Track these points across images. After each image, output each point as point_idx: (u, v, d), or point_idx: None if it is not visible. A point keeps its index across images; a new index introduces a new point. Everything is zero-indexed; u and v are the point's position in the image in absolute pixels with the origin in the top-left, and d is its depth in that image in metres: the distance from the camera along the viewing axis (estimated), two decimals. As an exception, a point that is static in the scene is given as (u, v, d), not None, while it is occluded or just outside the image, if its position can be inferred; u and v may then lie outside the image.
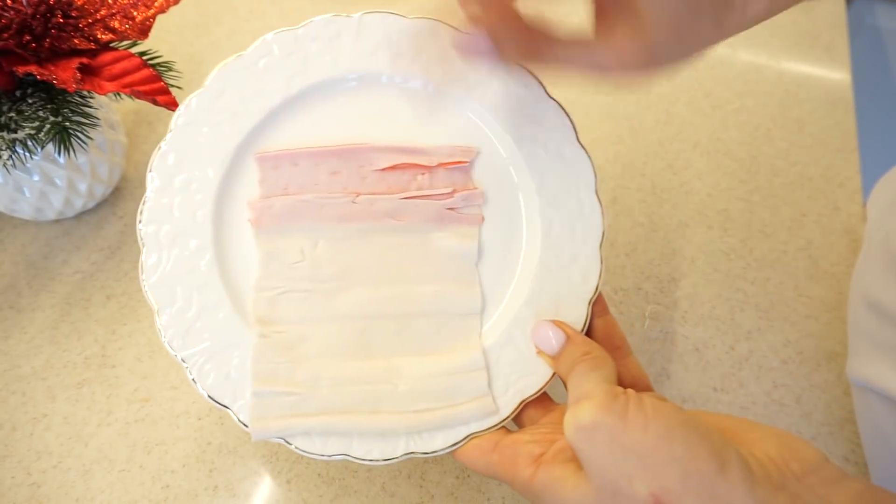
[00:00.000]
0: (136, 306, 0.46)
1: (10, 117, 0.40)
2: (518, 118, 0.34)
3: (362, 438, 0.31)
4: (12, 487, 0.39)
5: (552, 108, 0.34)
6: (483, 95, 0.34)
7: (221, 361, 0.32)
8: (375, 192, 0.34)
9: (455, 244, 0.34)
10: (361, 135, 0.34)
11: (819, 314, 0.46)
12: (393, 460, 0.32)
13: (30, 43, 0.40)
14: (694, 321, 0.46)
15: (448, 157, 0.34)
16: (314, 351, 0.33)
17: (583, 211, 0.34)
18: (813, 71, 0.61)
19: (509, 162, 0.35)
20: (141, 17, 0.43)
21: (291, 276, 0.33)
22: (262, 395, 0.32)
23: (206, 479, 0.39)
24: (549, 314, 0.33)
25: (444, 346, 0.33)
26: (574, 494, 0.26)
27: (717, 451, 0.24)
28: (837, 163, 0.54)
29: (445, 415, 0.32)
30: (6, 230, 0.50)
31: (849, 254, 0.49)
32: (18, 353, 0.44)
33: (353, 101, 0.34)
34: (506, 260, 0.34)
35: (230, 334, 0.32)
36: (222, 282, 0.33)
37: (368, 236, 0.34)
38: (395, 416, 0.32)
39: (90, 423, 0.41)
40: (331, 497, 0.39)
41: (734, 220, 0.51)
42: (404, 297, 0.33)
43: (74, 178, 0.47)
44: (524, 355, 0.33)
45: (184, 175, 0.33)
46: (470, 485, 0.39)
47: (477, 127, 0.35)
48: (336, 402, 0.32)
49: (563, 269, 0.33)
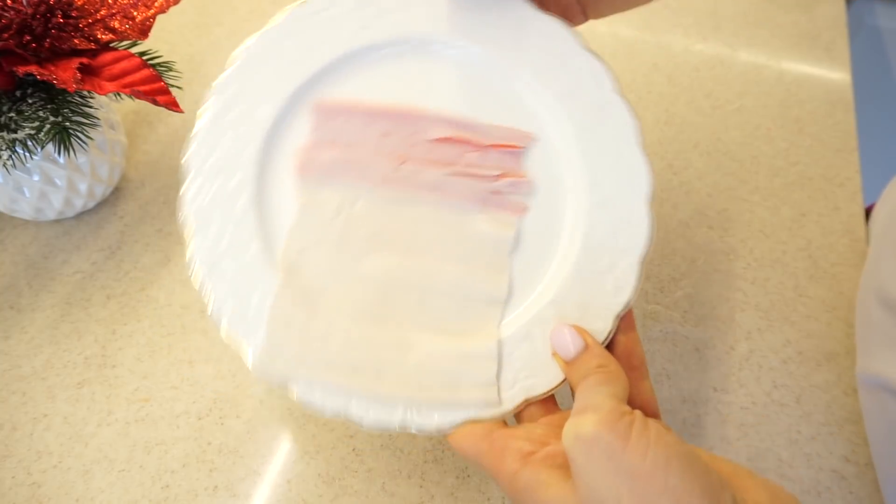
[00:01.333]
0: (137, 306, 0.46)
1: (10, 117, 0.40)
2: (583, 110, 0.33)
3: (361, 401, 0.31)
4: (12, 487, 0.39)
5: (620, 107, 0.33)
6: (551, 80, 0.33)
7: (241, 300, 0.32)
8: (423, 160, 0.33)
9: (492, 230, 0.33)
10: (420, 100, 0.34)
11: (819, 314, 0.46)
12: (387, 428, 0.31)
13: (30, 43, 0.40)
14: (694, 321, 0.46)
15: (502, 139, 0.33)
16: (332, 306, 0.32)
17: (631, 219, 0.32)
18: (813, 71, 0.61)
19: (564, 154, 0.33)
20: (141, 17, 0.43)
21: (325, 230, 0.33)
22: (274, 338, 0.31)
23: (206, 479, 0.39)
24: (573, 319, 0.32)
25: (461, 329, 0.32)
26: (555, 501, 0.26)
27: (711, 490, 0.24)
28: (837, 163, 0.54)
29: (448, 396, 0.31)
30: (6, 230, 0.50)
31: (849, 254, 0.49)
32: (18, 353, 0.44)
33: (417, 66, 0.34)
34: (541, 255, 0.33)
35: (254, 275, 0.32)
36: (257, 222, 0.33)
37: (408, 205, 0.33)
38: (398, 386, 0.31)
39: (90, 423, 0.41)
40: (331, 497, 0.39)
41: (734, 220, 0.51)
42: (431, 271, 0.33)
43: (74, 178, 0.47)
44: (538, 354, 0.32)
45: (237, 111, 0.33)
46: (470, 485, 0.39)
47: (537, 112, 0.34)
48: (343, 361, 0.32)
49: (597, 276, 0.32)
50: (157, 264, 0.48)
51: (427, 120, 0.34)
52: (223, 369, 0.43)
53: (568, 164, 0.33)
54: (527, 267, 0.33)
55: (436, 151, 0.33)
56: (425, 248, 0.33)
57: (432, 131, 0.33)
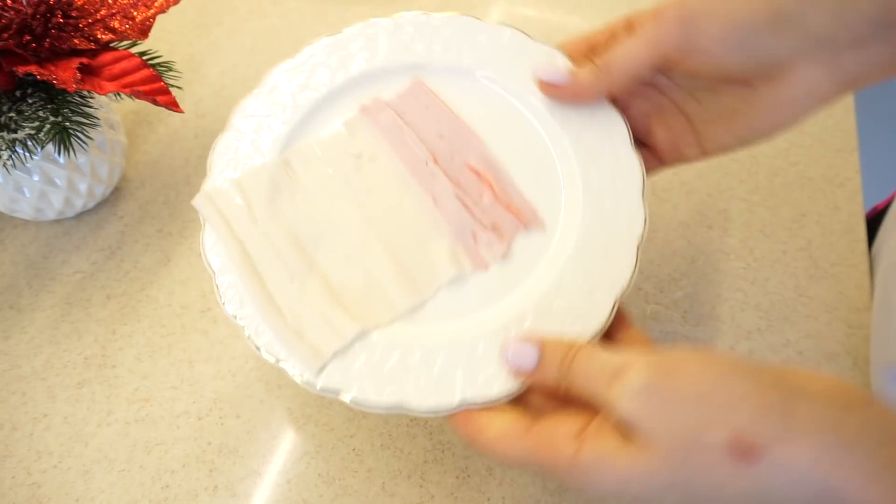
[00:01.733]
0: (137, 306, 0.46)
1: (10, 117, 0.40)
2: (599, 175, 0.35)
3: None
4: (13, 487, 0.39)
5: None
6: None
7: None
8: (447, 171, 0.36)
9: (443, 259, 0.34)
10: (476, 124, 0.37)
11: (819, 314, 0.46)
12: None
13: (30, 43, 0.40)
14: (694, 321, 0.46)
15: (518, 208, 0.35)
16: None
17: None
18: (813, 71, 0.61)
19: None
20: (141, 17, 0.43)
21: (340, 161, 0.36)
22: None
23: (206, 479, 0.39)
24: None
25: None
26: (634, 465, 0.24)
27: (777, 384, 0.24)
28: (837, 163, 0.54)
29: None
30: (6, 230, 0.50)
31: (849, 254, 0.49)
32: (18, 353, 0.44)
33: (473, 91, 0.38)
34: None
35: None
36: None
37: (407, 191, 0.36)
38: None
39: (90, 423, 0.41)
40: (331, 497, 0.39)
41: (734, 220, 0.51)
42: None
43: (74, 178, 0.47)
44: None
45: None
46: (470, 485, 0.39)
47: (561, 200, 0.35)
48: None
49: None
50: (157, 264, 0.48)
51: (477, 147, 0.36)
52: (223, 369, 0.43)
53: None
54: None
55: (462, 174, 0.36)
56: (397, 226, 0.35)
57: (470, 155, 0.36)
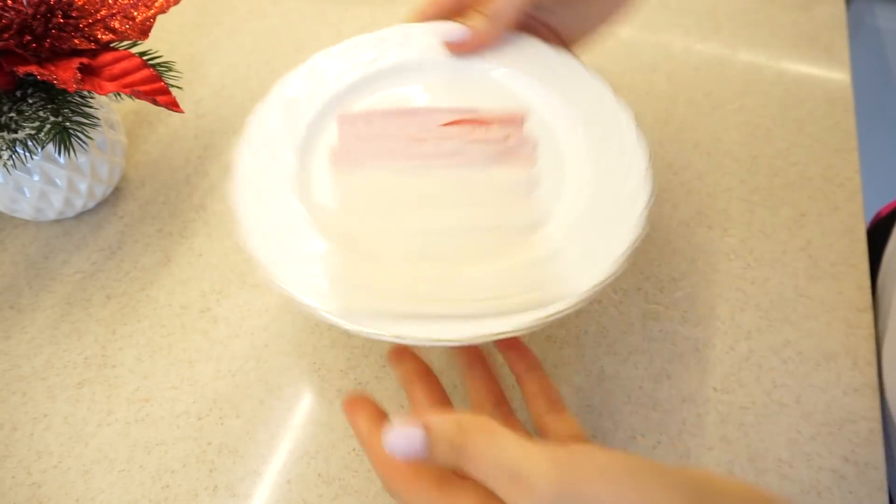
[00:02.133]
0: (137, 306, 0.46)
1: (11, 117, 0.40)
2: (565, 86, 0.40)
3: (419, 322, 0.32)
4: (12, 487, 0.39)
5: (599, 83, 0.40)
6: (525, 66, 0.41)
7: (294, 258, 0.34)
8: (439, 138, 0.39)
9: (510, 176, 0.38)
10: (424, 103, 0.41)
11: (819, 314, 0.46)
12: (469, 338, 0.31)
13: (30, 43, 0.40)
14: (694, 321, 0.46)
15: (502, 115, 0.39)
16: (385, 258, 0.35)
17: (624, 145, 0.37)
18: (813, 71, 0.61)
19: (558, 119, 0.40)
20: (141, 18, 0.43)
21: (367, 203, 0.37)
22: (343, 283, 0.33)
23: (206, 479, 0.39)
24: (605, 221, 0.35)
25: (504, 253, 0.35)
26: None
27: (694, 491, 0.23)
28: (837, 163, 0.54)
29: (503, 304, 0.32)
30: (6, 230, 0.50)
31: (849, 254, 0.49)
32: (19, 353, 0.44)
33: (417, 82, 0.42)
34: (559, 186, 0.38)
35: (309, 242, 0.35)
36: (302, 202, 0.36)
37: (434, 170, 0.38)
38: (455, 303, 0.33)
39: (90, 423, 0.41)
40: (331, 497, 0.39)
41: (734, 220, 0.51)
42: (466, 216, 0.37)
43: (74, 178, 0.47)
44: (591, 251, 0.34)
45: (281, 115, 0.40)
46: (470, 485, 0.39)
47: (523, 94, 0.41)
48: (403, 292, 0.33)
49: (616, 183, 0.36)
50: (157, 264, 0.48)
51: (437, 112, 0.40)
52: (223, 369, 0.43)
53: (562, 123, 0.40)
54: (551, 197, 0.37)
55: (448, 132, 0.39)
56: (456, 201, 0.37)
57: (441, 118, 0.40)
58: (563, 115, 0.40)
